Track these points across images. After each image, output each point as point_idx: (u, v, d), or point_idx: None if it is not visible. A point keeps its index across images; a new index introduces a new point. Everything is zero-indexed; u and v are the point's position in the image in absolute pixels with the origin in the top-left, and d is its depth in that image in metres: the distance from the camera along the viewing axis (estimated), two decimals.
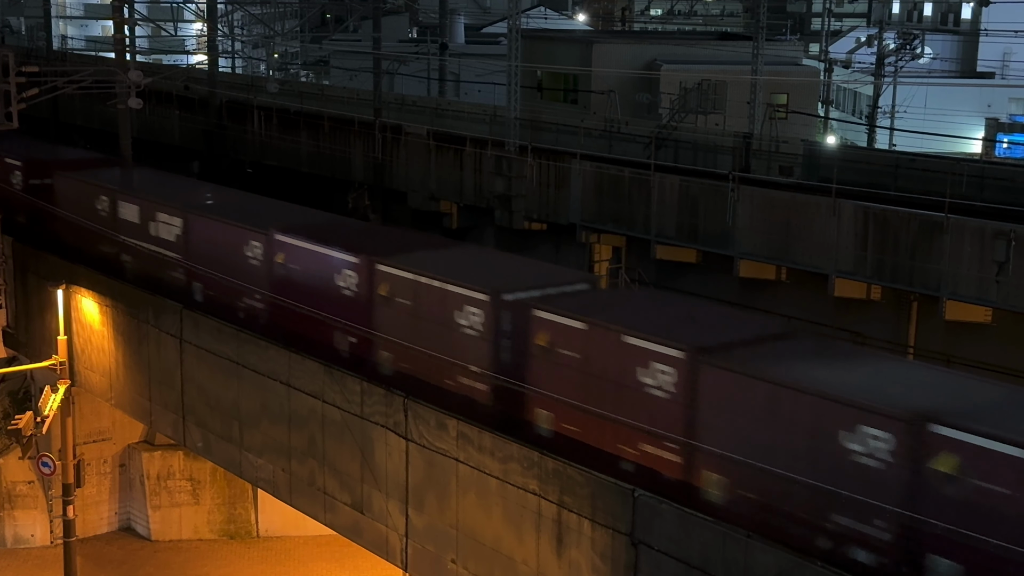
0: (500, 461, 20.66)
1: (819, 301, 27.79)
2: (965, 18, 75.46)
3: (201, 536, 36.13)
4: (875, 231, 26.63)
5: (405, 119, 43.21)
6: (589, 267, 33.36)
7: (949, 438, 15.54)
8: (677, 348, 18.79)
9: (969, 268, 24.98)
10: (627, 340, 19.41)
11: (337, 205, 39.28)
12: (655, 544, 18.39)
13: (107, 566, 34.66)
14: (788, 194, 29.23)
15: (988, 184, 31.52)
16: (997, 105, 61.42)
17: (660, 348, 18.96)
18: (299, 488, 25.53)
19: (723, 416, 18.20)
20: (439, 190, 37.64)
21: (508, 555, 20.84)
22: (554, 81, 52.58)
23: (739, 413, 17.92)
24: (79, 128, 52.04)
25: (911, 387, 17.40)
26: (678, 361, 18.74)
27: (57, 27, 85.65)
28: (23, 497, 35.63)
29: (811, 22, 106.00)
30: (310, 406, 24.63)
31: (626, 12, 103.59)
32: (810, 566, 16.42)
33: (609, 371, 19.75)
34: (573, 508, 19.54)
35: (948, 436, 15.57)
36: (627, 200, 31.74)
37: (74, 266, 31.95)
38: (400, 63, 53.70)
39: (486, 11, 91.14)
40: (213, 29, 49.08)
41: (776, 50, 51.36)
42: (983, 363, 23.58)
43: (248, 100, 46.09)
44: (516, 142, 34.87)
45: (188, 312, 28.04)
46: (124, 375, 30.60)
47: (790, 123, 43.85)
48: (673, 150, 38.11)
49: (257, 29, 68.35)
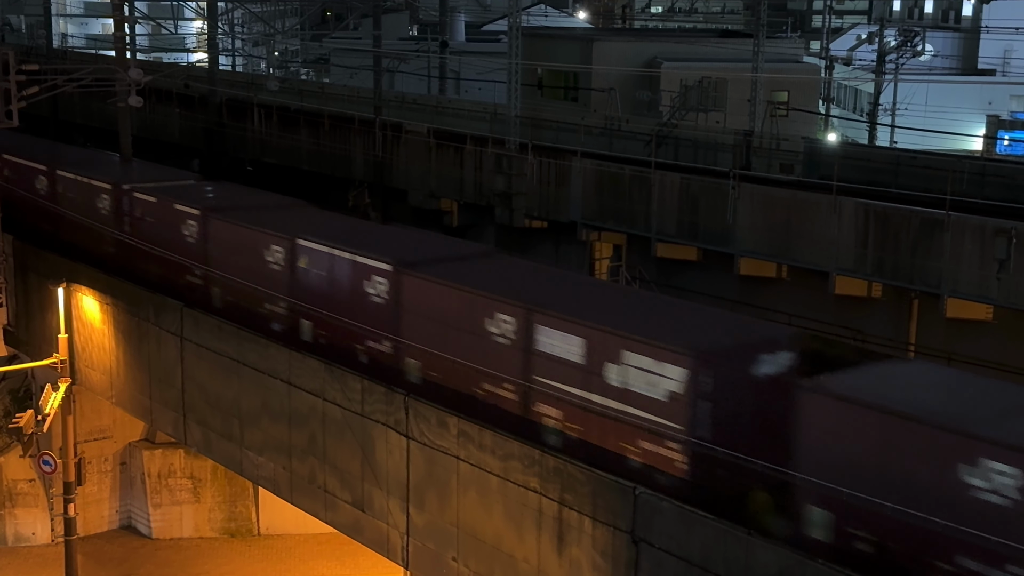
0: (501, 459, 20.66)
1: (820, 299, 27.80)
2: (966, 15, 75.41)
3: (202, 534, 36.14)
4: (876, 229, 26.63)
5: (405, 117, 43.25)
6: (590, 265, 33.37)
7: None
8: (386, 263, 23.25)
9: (970, 266, 24.99)
10: (358, 260, 23.94)
11: (337, 203, 39.28)
12: (656, 542, 18.38)
13: (108, 564, 34.67)
14: (789, 192, 29.24)
15: (989, 181, 31.54)
16: (998, 102, 61.40)
17: (375, 263, 23.50)
18: (300, 486, 25.53)
19: (420, 315, 22.57)
20: (439, 188, 37.64)
21: (509, 553, 20.84)
22: (554, 79, 52.59)
23: (431, 313, 22.43)
24: (79, 126, 52.06)
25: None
26: (389, 273, 23.11)
27: (57, 25, 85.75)
28: (24, 495, 35.64)
29: (812, 19, 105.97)
30: (311, 404, 24.63)
31: (627, 10, 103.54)
32: (811, 564, 16.40)
33: (345, 286, 24.13)
34: (574, 506, 19.54)
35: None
36: (627, 198, 31.74)
37: (75, 264, 31.93)
38: (400, 61, 53.62)
39: (486, 9, 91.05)
40: (213, 27, 49.11)
41: (777, 48, 51.33)
42: (983, 361, 23.58)
43: (248, 98, 46.10)
44: (516, 140, 34.87)
45: (188, 310, 28.03)
46: (125, 373, 30.60)
47: (791, 121, 43.84)
48: (674, 148, 38.13)
49: (257, 27, 68.34)
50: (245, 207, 28.66)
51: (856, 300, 27.48)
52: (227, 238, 27.46)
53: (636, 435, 18.99)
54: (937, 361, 22.96)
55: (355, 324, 23.81)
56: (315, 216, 28.22)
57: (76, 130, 51.58)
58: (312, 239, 25.03)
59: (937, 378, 17.95)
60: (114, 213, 31.25)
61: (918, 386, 17.26)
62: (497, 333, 21.02)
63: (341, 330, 24.20)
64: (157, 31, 77.56)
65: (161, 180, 31.85)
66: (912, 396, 16.57)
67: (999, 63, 67.63)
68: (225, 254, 27.50)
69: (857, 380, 17.17)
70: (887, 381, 17.37)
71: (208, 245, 28.01)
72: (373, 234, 26.73)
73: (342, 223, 27.94)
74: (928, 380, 17.68)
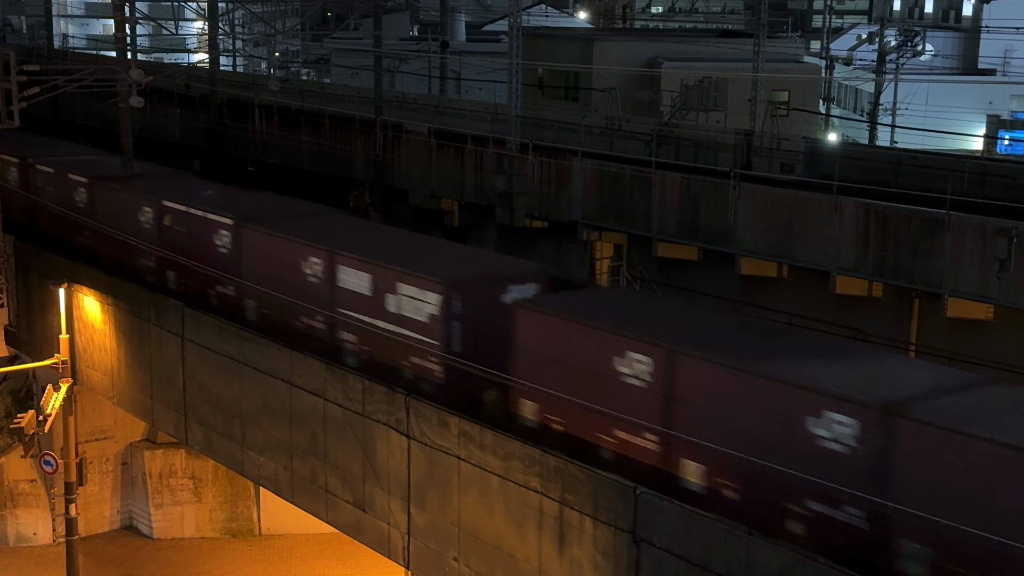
0: (501, 459, 20.68)
1: (820, 298, 27.79)
2: (966, 15, 75.42)
3: (203, 534, 36.16)
4: (876, 228, 26.63)
5: (406, 117, 43.26)
6: (590, 264, 33.38)
7: None
8: (229, 218, 27.61)
9: (970, 265, 24.98)
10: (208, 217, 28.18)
11: (338, 203, 39.29)
12: (656, 541, 18.40)
13: (109, 564, 34.69)
14: (789, 191, 29.24)
15: (989, 181, 31.54)
16: (998, 102, 61.41)
17: (219, 219, 27.97)
18: (301, 486, 25.54)
19: (260, 268, 26.47)
20: (440, 188, 37.65)
21: (510, 553, 20.85)
22: (555, 79, 52.61)
23: (272, 265, 26.22)
24: (80, 126, 52.08)
25: None
26: (230, 227, 27.50)
27: (58, 26, 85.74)
28: (25, 495, 35.66)
29: (812, 19, 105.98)
30: (312, 404, 24.65)
31: (627, 10, 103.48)
32: (812, 563, 16.42)
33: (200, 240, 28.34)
34: (575, 506, 19.55)
35: None
36: (628, 198, 31.75)
37: (76, 264, 31.96)
38: (401, 61, 53.66)
39: (487, 9, 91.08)
40: (214, 27, 49.10)
41: (777, 47, 51.34)
42: (984, 360, 23.58)
43: (249, 98, 46.12)
44: (517, 140, 34.88)
45: (189, 310, 28.06)
46: (126, 373, 30.62)
47: (791, 120, 43.83)
48: (674, 148, 38.13)
49: (258, 27, 68.32)
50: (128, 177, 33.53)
51: (857, 300, 27.47)
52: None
53: (409, 352, 23.06)
54: (937, 361, 22.97)
55: (206, 268, 28.15)
56: (189, 182, 33.89)
57: (77, 130, 51.60)
58: (175, 201, 29.61)
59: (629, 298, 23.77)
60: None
61: (610, 303, 22.32)
62: (311, 274, 25.27)
63: (198, 275, 28.49)
64: (158, 32, 77.56)
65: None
66: (598, 311, 21.11)
67: (999, 63, 67.61)
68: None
69: (567, 301, 21.87)
70: (588, 300, 22.79)
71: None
72: (224, 195, 31.39)
73: (213, 190, 32.50)
74: (610, 297, 23.53)
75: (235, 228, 27.68)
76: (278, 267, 26.31)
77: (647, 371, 19.15)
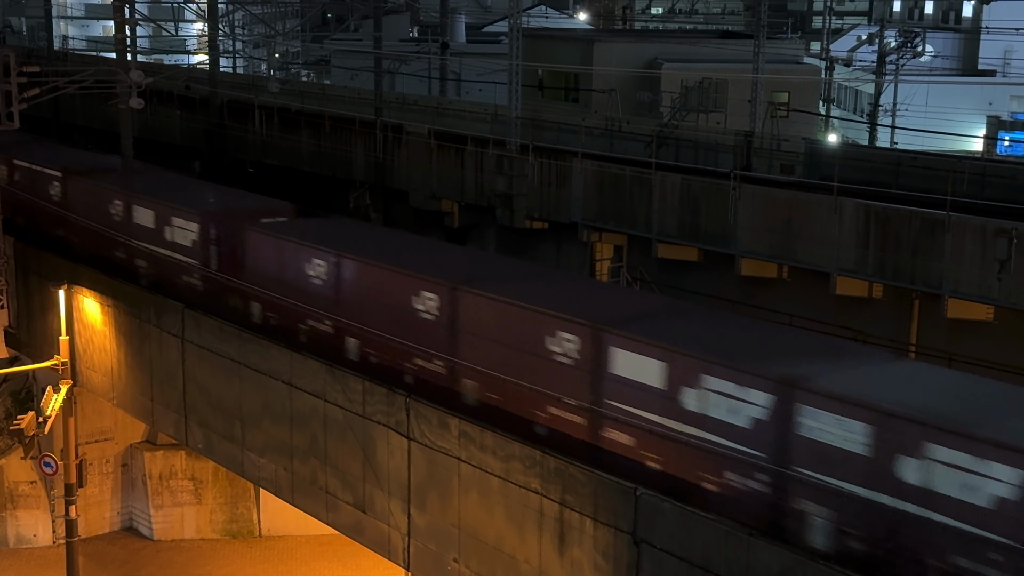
0: (502, 460, 20.68)
1: (821, 299, 27.79)
2: (966, 16, 75.47)
3: (203, 536, 36.15)
4: (877, 229, 26.63)
5: (406, 118, 43.22)
6: (590, 265, 33.38)
7: None
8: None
9: (971, 266, 24.97)
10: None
11: (338, 205, 39.31)
12: (657, 543, 18.40)
13: (109, 566, 34.68)
14: (789, 192, 29.22)
15: (989, 182, 31.52)
16: (998, 103, 61.41)
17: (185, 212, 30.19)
18: (301, 487, 25.55)
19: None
20: (440, 189, 37.65)
21: (510, 554, 20.85)
22: (555, 80, 52.60)
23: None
24: (80, 128, 52.09)
25: None
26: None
27: (58, 27, 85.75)
28: (25, 497, 35.63)
29: (812, 20, 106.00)
30: (312, 405, 24.65)
31: (627, 11, 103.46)
32: (812, 564, 16.42)
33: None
34: (575, 507, 19.55)
35: None
36: (628, 199, 31.75)
37: (76, 266, 31.96)
38: (401, 62, 53.70)
39: (487, 10, 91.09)
40: (214, 29, 49.09)
41: (777, 48, 51.35)
42: (985, 361, 23.58)
43: (249, 99, 46.10)
44: (517, 141, 34.87)
45: (190, 312, 28.07)
46: (126, 375, 30.62)
47: (791, 121, 43.81)
48: (674, 149, 38.10)
49: (258, 29, 68.34)
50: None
51: (857, 301, 27.47)
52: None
53: (182, 270, 29.25)
54: (937, 362, 22.97)
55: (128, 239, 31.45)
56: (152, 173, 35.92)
57: (77, 132, 51.61)
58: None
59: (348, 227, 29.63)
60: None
61: (317, 228, 27.44)
62: (180, 242, 29.60)
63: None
64: (158, 33, 77.55)
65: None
66: (302, 230, 26.89)
67: (999, 64, 67.63)
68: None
69: (292, 227, 27.56)
70: (310, 226, 27.79)
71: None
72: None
73: (176, 180, 34.62)
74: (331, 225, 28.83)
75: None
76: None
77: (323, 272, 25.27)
